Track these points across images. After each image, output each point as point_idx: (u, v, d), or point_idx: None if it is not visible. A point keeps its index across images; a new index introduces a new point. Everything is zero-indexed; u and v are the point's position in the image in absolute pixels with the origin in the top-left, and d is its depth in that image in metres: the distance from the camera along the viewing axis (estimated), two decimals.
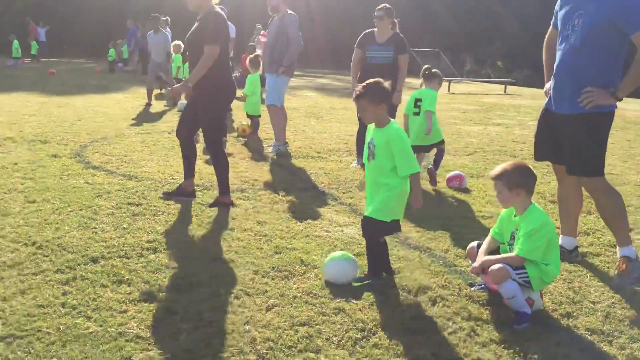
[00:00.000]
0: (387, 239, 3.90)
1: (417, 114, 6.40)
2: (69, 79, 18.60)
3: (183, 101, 12.52)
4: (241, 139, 9.08)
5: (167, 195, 5.47)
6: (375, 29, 7.15)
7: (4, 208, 4.93)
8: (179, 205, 5.28)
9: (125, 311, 3.24)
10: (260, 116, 9.46)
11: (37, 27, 28.49)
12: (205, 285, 3.64)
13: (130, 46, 23.46)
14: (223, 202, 5.34)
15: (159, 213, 5.06)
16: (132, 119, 10.63)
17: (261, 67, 8.81)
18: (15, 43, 24.27)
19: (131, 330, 3.03)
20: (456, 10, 38.37)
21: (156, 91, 16.03)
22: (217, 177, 5.40)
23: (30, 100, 12.75)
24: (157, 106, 12.94)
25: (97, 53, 31.03)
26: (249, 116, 9.55)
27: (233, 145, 8.51)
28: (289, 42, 7.81)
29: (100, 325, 3.06)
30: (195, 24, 5.24)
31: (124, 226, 4.67)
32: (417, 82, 7.55)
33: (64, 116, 10.49)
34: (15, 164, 6.56)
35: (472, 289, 3.74)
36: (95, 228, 4.58)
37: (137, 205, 5.23)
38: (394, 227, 3.80)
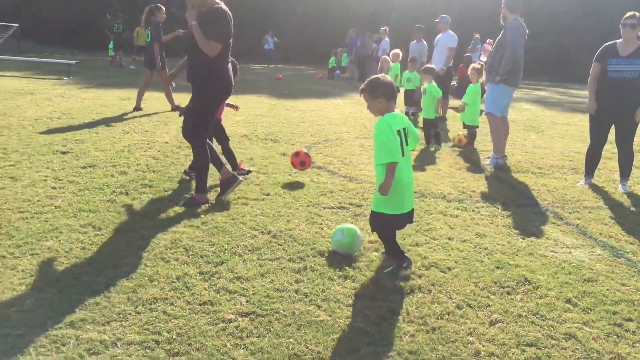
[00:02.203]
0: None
1: None
2: (294, 84, 20.04)
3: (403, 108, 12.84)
4: (457, 149, 8.98)
5: (222, 195, 5.41)
6: (618, 41, 6.56)
7: (244, 198, 5.48)
8: None
9: (351, 305, 3.40)
10: (477, 127, 9.25)
11: (267, 35, 31.39)
12: (425, 290, 3.66)
13: (350, 55, 24.55)
14: (193, 201, 5.21)
15: None
16: (351, 124, 11.10)
17: (484, 76, 8.62)
18: None
19: (357, 324, 3.17)
20: None
21: None
22: (195, 173, 5.44)
23: (262, 102, 13.99)
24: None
25: (318, 60, 33.04)
26: (465, 126, 9.41)
27: (449, 155, 8.45)
28: (505, 49, 7.53)
29: (330, 315, 3.25)
30: (194, 22, 5.05)
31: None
32: None
33: (290, 118, 11.34)
34: (251, 159, 7.25)
35: None
36: (321, 224, 4.88)
37: (358, 207, 5.45)
38: (399, 219, 3.89)
